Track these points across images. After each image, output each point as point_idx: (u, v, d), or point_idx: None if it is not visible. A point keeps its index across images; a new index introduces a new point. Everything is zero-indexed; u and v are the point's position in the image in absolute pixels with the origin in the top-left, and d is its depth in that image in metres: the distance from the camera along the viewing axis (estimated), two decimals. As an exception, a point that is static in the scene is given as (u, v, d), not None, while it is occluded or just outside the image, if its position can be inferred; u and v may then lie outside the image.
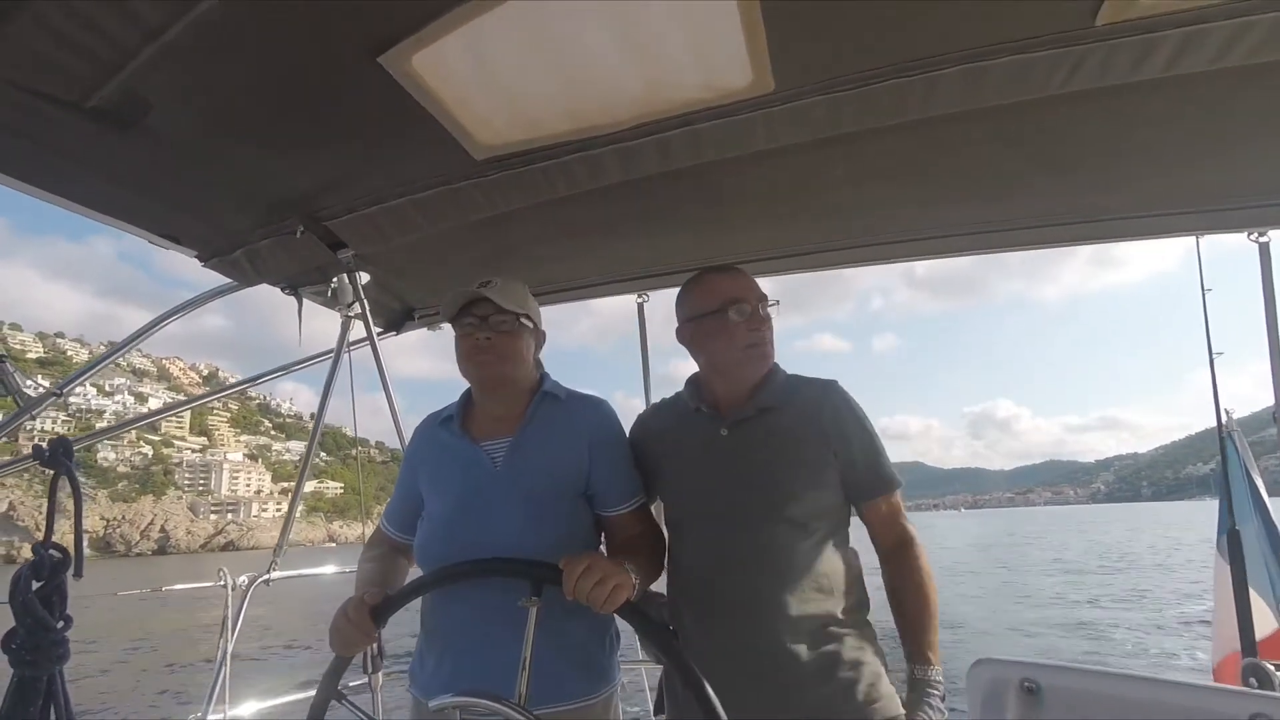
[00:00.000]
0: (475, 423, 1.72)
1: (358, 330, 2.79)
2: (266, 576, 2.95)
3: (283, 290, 2.64)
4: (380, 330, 3.03)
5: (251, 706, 2.76)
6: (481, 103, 1.62)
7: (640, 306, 3.13)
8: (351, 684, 2.51)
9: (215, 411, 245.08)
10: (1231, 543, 3.06)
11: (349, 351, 2.88)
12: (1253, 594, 3.01)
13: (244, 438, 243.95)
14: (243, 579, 2.90)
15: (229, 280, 2.42)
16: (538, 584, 1.39)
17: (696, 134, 1.71)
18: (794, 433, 1.63)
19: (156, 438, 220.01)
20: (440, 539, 1.62)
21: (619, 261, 2.76)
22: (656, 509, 1.83)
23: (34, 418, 2.06)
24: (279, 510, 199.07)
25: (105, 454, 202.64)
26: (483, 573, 1.46)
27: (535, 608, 1.37)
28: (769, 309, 1.69)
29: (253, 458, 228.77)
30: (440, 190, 1.97)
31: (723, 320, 1.66)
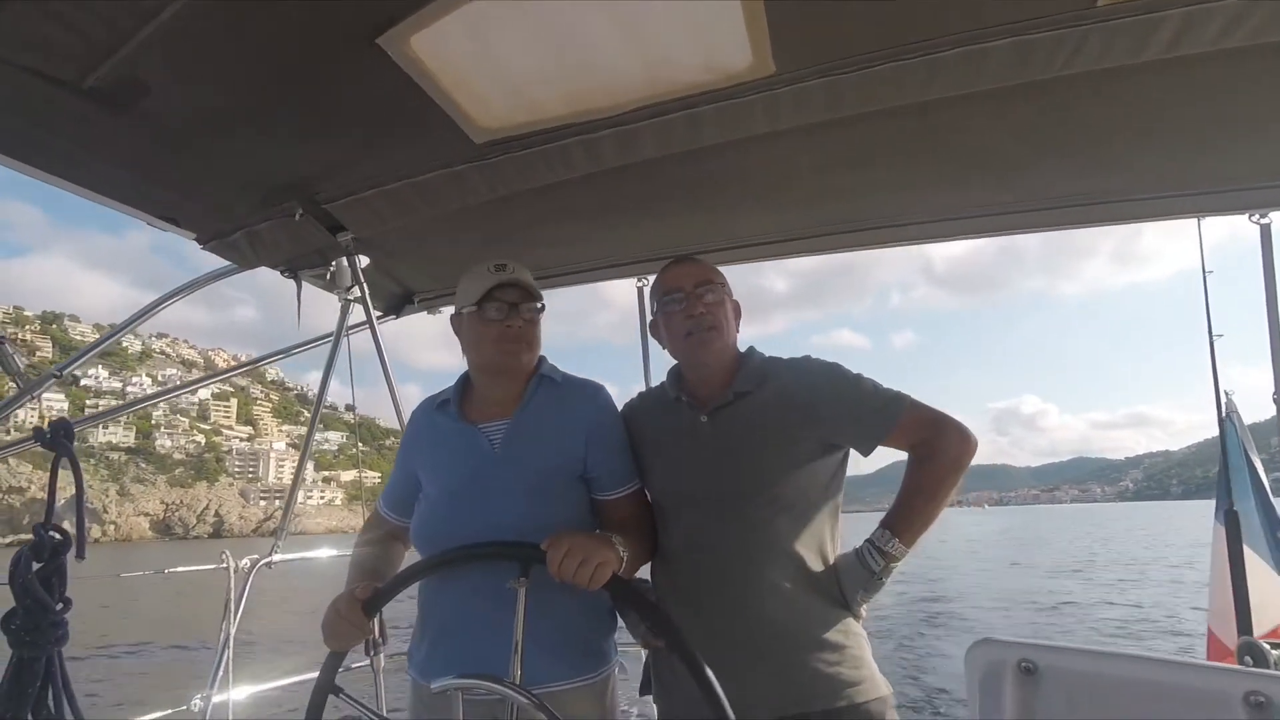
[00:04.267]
0: (473, 406, 1.72)
1: (359, 314, 2.79)
2: (269, 559, 2.97)
3: (282, 273, 2.63)
4: (380, 314, 3.02)
5: (254, 688, 2.78)
6: (481, 85, 1.61)
7: (640, 291, 3.12)
8: (354, 665, 2.53)
9: (259, 402, 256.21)
10: (1229, 523, 3.07)
11: (348, 335, 2.88)
12: (1255, 571, 3.02)
13: (285, 427, 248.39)
14: (245, 561, 2.91)
15: (228, 263, 2.42)
16: (525, 565, 1.40)
17: (696, 117, 1.70)
18: (773, 414, 1.64)
19: (207, 426, 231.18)
20: (438, 522, 1.63)
21: (619, 246, 2.75)
22: None
23: (35, 398, 2.06)
24: (323, 498, 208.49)
25: (162, 441, 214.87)
26: (469, 558, 1.47)
27: (523, 589, 1.38)
28: (715, 293, 1.71)
29: (295, 446, 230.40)
30: (439, 173, 1.96)
31: (663, 311, 1.75)
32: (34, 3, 1.24)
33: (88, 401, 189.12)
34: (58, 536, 1.43)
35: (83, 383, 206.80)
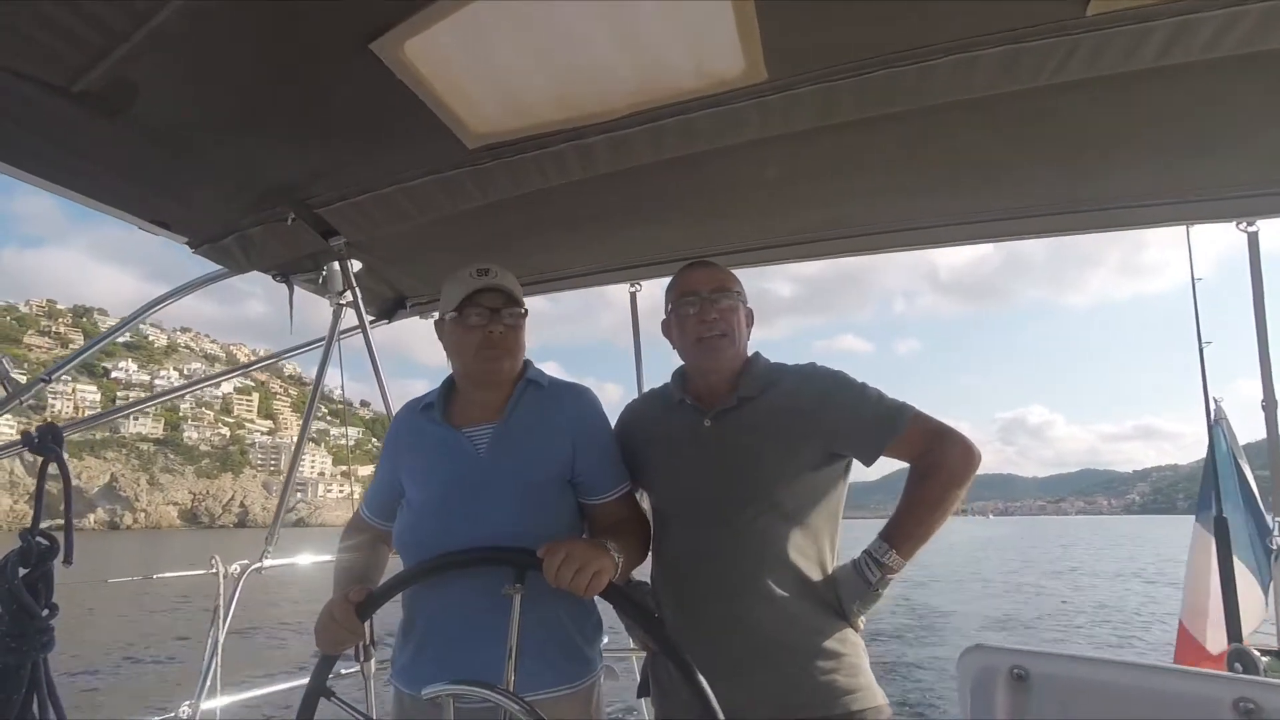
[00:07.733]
0: (457, 410, 1.70)
1: (351, 318, 2.78)
2: (259, 565, 2.94)
3: (274, 278, 2.63)
4: (372, 318, 3.01)
5: (242, 695, 2.75)
6: (474, 90, 1.61)
7: (633, 296, 3.12)
8: (344, 671, 2.52)
9: (278, 396, 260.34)
10: (1219, 530, 3.07)
11: (339, 340, 2.87)
12: (1241, 580, 3.03)
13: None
14: (234, 567, 2.88)
15: (220, 267, 2.41)
16: (520, 571, 1.39)
17: (689, 123, 1.70)
18: (776, 420, 1.63)
19: (231, 419, 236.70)
20: (423, 527, 1.61)
21: (611, 251, 2.75)
22: (640, 499, 1.82)
23: (23, 403, 2.05)
24: (343, 491, 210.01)
25: (189, 433, 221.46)
26: (466, 563, 1.47)
27: (518, 595, 1.38)
28: (729, 299, 1.70)
29: (314, 441, 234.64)
30: (432, 178, 1.96)
31: (676, 313, 1.73)
32: (22, 5, 1.23)
33: (119, 392, 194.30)
34: (45, 543, 1.42)
35: (114, 374, 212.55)
